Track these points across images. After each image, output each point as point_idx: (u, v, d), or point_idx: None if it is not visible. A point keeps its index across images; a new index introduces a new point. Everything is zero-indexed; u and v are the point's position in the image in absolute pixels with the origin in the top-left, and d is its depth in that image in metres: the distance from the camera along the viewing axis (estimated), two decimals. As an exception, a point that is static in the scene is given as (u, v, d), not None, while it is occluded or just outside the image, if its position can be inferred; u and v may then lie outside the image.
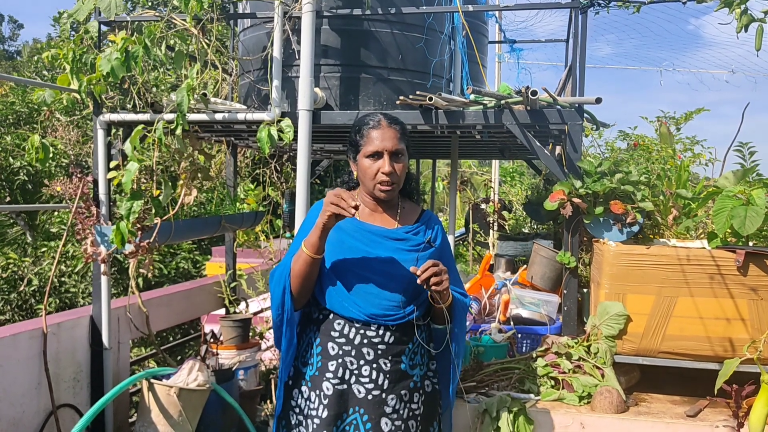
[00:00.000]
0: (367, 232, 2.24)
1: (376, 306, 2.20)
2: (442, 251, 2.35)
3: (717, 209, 2.87)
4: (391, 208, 2.33)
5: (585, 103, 3.26)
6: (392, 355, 2.22)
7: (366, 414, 2.19)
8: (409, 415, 2.24)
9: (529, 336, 3.58)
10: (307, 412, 2.22)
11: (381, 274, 2.21)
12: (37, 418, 3.33)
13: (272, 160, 5.48)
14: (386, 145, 2.20)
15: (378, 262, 2.21)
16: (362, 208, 2.31)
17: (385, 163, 2.20)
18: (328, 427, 2.17)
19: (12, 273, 7.85)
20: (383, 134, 2.22)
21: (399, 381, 2.23)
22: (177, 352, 6.33)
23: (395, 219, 2.31)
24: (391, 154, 2.21)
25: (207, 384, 3.57)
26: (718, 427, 2.68)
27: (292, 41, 3.57)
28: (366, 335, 2.20)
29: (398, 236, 2.27)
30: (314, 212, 2.36)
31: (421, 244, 2.27)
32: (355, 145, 2.28)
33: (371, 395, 2.19)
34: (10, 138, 8.57)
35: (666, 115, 4.87)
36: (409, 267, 2.18)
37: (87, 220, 3.48)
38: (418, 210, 2.41)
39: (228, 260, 5.04)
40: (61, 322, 3.53)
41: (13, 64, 18.54)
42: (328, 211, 2.05)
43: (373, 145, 2.21)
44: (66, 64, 3.40)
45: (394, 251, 2.23)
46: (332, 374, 2.20)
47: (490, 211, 7.36)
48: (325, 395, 2.19)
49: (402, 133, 2.26)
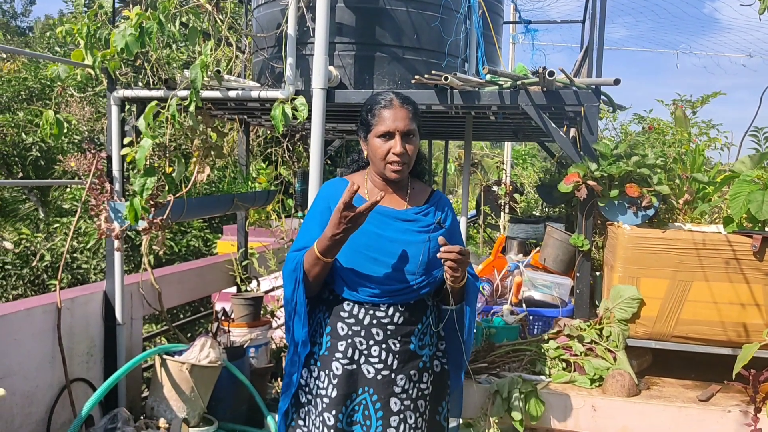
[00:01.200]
0: (377, 214, 2.21)
1: (386, 286, 2.19)
2: (452, 232, 2.34)
3: (733, 194, 2.85)
4: (400, 189, 2.31)
5: (603, 84, 3.22)
6: (401, 335, 2.21)
7: (375, 394, 2.19)
8: (418, 395, 2.25)
9: (541, 318, 3.57)
10: (317, 392, 2.23)
11: (391, 255, 2.20)
12: (50, 392, 3.37)
13: (284, 139, 5.46)
14: (398, 126, 2.18)
15: (388, 242, 2.20)
16: (372, 189, 2.30)
17: (396, 143, 2.17)
18: (337, 406, 2.18)
19: (24, 248, 7.92)
20: (395, 114, 2.19)
21: (408, 361, 2.22)
22: (187, 329, 6.39)
23: (405, 200, 2.30)
24: (402, 135, 2.18)
25: (218, 361, 3.59)
26: (731, 412, 2.67)
27: (306, 18, 3.54)
28: (375, 315, 2.20)
29: (408, 217, 2.25)
30: (322, 195, 2.34)
31: (431, 225, 2.26)
32: (366, 125, 2.25)
33: (380, 375, 2.20)
34: (23, 114, 8.59)
35: (682, 99, 4.81)
36: (420, 248, 2.17)
37: (101, 196, 3.48)
38: (428, 191, 2.39)
39: (240, 239, 5.05)
40: (75, 297, 3.56)
41: (26, 39, 18.54)
42: (340, 228, 2.03)
43: (385, 125, 2.19)
44: (80, 39, 3.39)
45: (403, 232, 2.22)
46: (342, 354, 2.20)
47: (501, 194, 7.33)
48: (335, 375, 2.19)
49: (414, 114, 2.24)
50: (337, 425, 2.18)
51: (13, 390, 3.09)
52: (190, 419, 3.49)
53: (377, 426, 2.18)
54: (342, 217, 2.01)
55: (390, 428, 2.18)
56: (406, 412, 2.21)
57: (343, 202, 2.00)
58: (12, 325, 3.12)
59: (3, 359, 3.03)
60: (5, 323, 3.08)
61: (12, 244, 8.18)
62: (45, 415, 3.33)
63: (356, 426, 2.20)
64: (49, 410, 3.35)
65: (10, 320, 3.11)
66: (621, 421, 2.75)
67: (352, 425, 2.21)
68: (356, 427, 2.20)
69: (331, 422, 2.17)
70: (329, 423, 2.18)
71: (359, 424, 2.20)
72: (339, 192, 2.27)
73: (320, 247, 2.11)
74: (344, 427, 2.20)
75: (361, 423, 2.19)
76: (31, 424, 3.24)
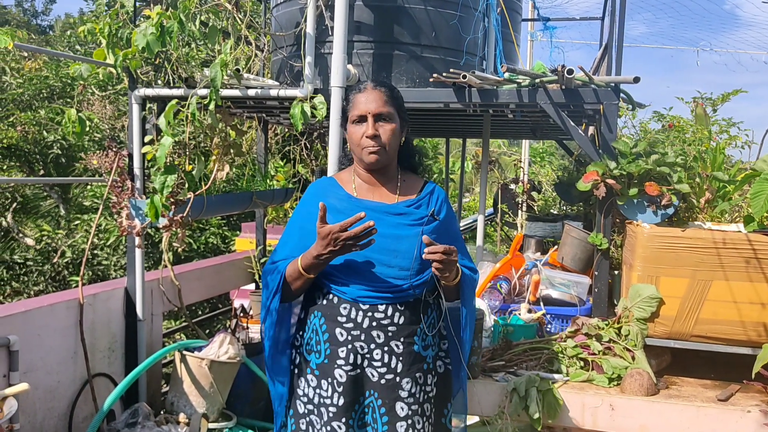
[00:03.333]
0: (366, 209, 2.07)
1: (381, 284, 2.10)
2: (448, 224, 2.24)
3: (755, 192, 2.82)
4: (390, 182, 2.22)
5: (622, 82, 3.21)
6: (404, 336, 2.11)
7: (380, 398, 2.10)
8: (424, 398, 2.16)
9: (559, 317, 3.57)
10: (319, 401, 2.13)
11: (384, 252, 2.09)
12: (72, 387, 3.42)
13: (302, 137, 5.49)
14: (369, 107, 2.10)
15: (380, 238, 2.04)
16: (360, 185, 2.22)
17: (368, 126, 2.10)
18: (346, 413, 2.09)
19: (45, 245, 8.01)
20: (367, 97, 2.12)
21: (413, 363, 2.12)
22: (206, 325, 6.43)
23: (395, 193, 2.20)
24: (375, 117, 2.10)
25: (237, 357, 3.63)
26: (750, 412, 2.65)
27: (325, 17, 3.56)
28: (374, 317, 2.10)
29: (399, 211, 2.16)
30: (305, 199, 2.26)
31: (423, 218, 2.15)
32: (345, 114, 2.21)
33: (384, 379, 2.10)
34: (44, 112, 8.68)
35: (702, 96, 4.77)
36: (413, 242, 2.09)
37: (122, 194, 3.53)
38: (420, 182, 2.28)
39: (258, 236, 5.08)
40: (97, 293, 3.60)
41: (46, 38, 18.73)
42: (326, 250, 1.98)
43: (358, 109, 2.12)
44: (102, 38, 3.43)
45: (395, 227, 2.12)
46: (344, 361, 2.10)
47: (519, 192, 7.31)
48: (339, 383, 2.10)
49: (390, 96, 2.15)
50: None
51: (36, 385, 3.13)
52: (210, 414, 3.52)
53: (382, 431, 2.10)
54: (324, 238, 1.96)
55: None
56: (414, 417, 2.11)
57: (319, 223, 1.97)
58: (35, 321, 3.17)
59: (26, 354, 3.08)
60: (29, 319, 3.13)
61: (33, 240, 8.29)
62: (67, 410, 3.37)
63: (368, 428, 2.12)
64: (71, 405, 3.40)
65: (33, 316, 3.16)
66: (639, 420, 2.74)
67: (364, 427, 2.13)
68: (368, 428, 2.13)
69: (342, 430, 2.08)
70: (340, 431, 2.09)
71: (370, 425, 2.12)
72: (323, 193, 2.23)
73: (304, 264, 2.05)
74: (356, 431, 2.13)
75: (371, 425, 2.12)
76: (53, 419, 3.29)
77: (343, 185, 2.23)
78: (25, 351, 3.06)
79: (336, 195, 2.20)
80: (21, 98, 9.05)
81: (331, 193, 2.22)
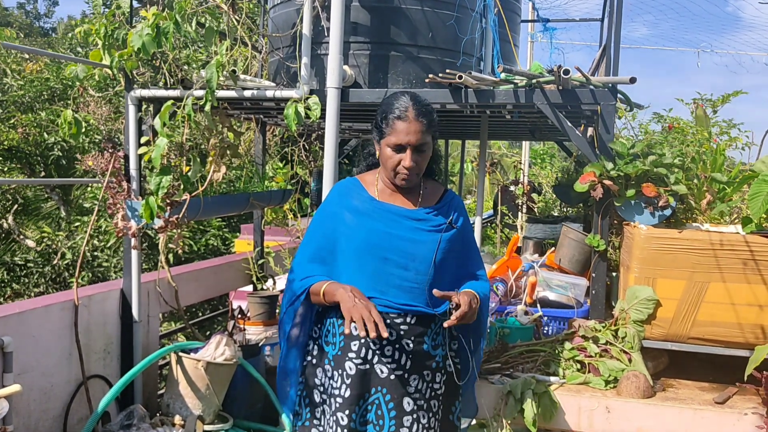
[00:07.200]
0: (387, 212, 2.22)
1: (397, 289, 2.19)
2: (464, 233, 2.33)
3: (753, 194, 2.80)
4: (413, 189, 2.30)
5: (618, 82, 3.19)
6: (415, 335, 2.22)
7: (388, 393, 2.20)
8: (431, 395, 2.25)
9: (556, 319, 3.55)
10: (330, 391, 2.24)
11: (402, 255, 2.19)
12: (67, 388, 3.40)
13: (300, 138, 5.48)
14: (410, 140, 2.15)
15: (399, 240, 2.19)
16: (383, 188, 2.30)
17: (407, 158, 2.15)
18: (351, 406, 2.18)
19: (46, 246, 8.02)
20: (408, 128, 2.15)
21: (422, 361, 2.23)
22: (205, 327, 6.43)
23: (416, 199, 2.29)
24: (414, 148, 2.16)
25: (234, 359, 3.61)
26: (747, 415, 2.63)
27: (321, 18, 3.55)
28: (389, 315, 2.20)
29: (418, 216, 2.25)
30: (330, 199, 2.34)
31: (442, 225, 2.25)
32: (380, 130, 2.23)
33: (393, 375, 2.20)
34: (45, 114, 8.70)
35: (702, 98, 4.75)
36: (431, 248, 2.18)
37: (118, 195, 3.52)
38: (441, 191, 2.38)
39: (256, 237, 5.07)
40: (92, 295, 3.59)
41: (48, 40, 18.77)
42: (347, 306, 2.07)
43: (397, 137, 2.15)
44: (98, 39, 3.42)
45: (413, 231, 2.21)
46: (355, 354, 2.20)
47: (519, 194, 7.30)
48: (348, 375, 2.19)
49: (429, 125, 2.19)
50: (350, 425, 2.18)
51: (30, 386, 3.13)
52: (206, 416, 3.51)
53: (390, 426, 2.18)
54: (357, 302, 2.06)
55: (403, 428, 2.19)
56: (419, 412, 2.21)
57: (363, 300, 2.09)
58: (30, 322, 3.15)
59: (21, 356, 3.07)
60: (23, 320, 3.12)
61: (34, 242, 8.30)
62: (62, 411, 3.36)
63: (369, 426, 2.21)
64: (66, 406, 3.38)
65: (27, 317, 3.15)
66: (636, 423, 2.72)
67: (365, 425, 2.21)
68: (369, 426, 2.21)
69: (344, 422, 2.18)
70: (342, 423, 2.18)
71: (372, 423, 2.20)
72: (347, 193, 2.31)
73: (329, 298, 2.18)
74: (357, 427, 2.20)
75: (373, 422, 2.20)
76: (48, 420, 3.28)
77: (367, 187, 2.32)
78: (19, 352, 3.05)
79: (359, 196, 2.29)
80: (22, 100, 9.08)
81: (355, 194, 2.31)
